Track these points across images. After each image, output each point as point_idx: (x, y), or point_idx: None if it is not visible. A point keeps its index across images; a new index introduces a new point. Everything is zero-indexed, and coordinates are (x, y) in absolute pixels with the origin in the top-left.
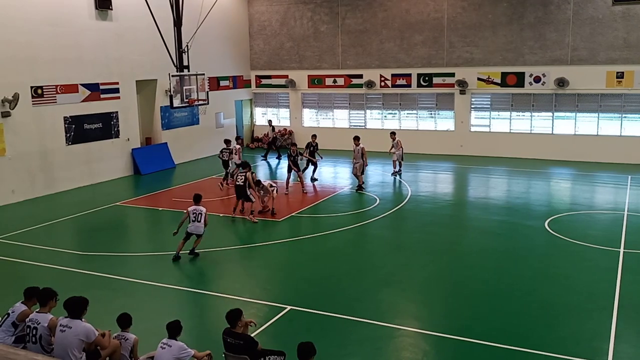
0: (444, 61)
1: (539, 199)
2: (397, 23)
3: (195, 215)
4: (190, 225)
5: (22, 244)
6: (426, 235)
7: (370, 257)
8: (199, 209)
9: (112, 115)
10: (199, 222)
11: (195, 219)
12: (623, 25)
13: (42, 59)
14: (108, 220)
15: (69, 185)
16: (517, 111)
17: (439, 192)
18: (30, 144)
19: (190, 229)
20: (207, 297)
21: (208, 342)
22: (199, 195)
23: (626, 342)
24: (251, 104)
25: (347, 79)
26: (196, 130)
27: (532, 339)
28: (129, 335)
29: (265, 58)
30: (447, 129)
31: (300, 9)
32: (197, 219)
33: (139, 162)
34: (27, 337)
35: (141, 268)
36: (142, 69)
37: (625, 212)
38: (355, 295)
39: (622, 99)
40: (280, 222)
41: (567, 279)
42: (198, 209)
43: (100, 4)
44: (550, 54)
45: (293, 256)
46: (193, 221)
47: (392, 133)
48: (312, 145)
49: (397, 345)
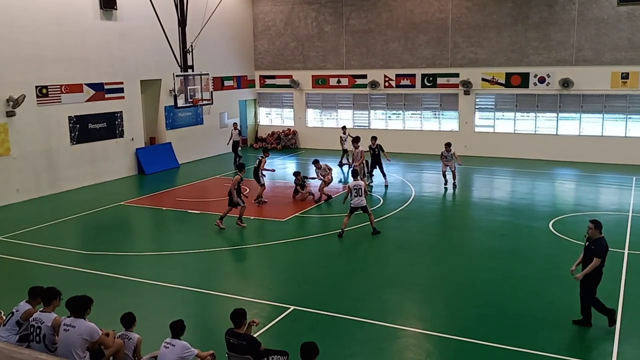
0: (448, 61)
1: (543, 199)
2: (401, 23)
3: (356, 190)
4: (353, 200)
5: (27, 243)
6: (430, 235)
7: (374, 258)
8: (359, 183)
9: (116, 115)
10: (361, 195)
11: (357, 193)
12: (628, 25)
13: (46, 59)
14: (112, 219)
15: (74, 184)
16: (522, 112)
17: (443, 192)
18: (34, 143)
19: (354, 203)
20: (211, 296)
21: (211, 341)
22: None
23: (630, 343)
24: (255, 104)
25: (351, 79)
26: (200, 130)
27: (537, 341)
28: (133, 335)
29: (270, 58)
30: (451, 129)
31: (305, 9)
32: (358, 194)
33: (143, 161)
34: (31, 337)
35: (145, 267)
36: (147, 69)
37: (630, 213)
38: (358, 296)
39: (627, 99)
40: (285, 221)
41: (571, 280)
42: (359, 184)
43: (105, 3)
44: (555, 54)
45: (297, 256)
46: (356, 196)
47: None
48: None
49: (401, 345)
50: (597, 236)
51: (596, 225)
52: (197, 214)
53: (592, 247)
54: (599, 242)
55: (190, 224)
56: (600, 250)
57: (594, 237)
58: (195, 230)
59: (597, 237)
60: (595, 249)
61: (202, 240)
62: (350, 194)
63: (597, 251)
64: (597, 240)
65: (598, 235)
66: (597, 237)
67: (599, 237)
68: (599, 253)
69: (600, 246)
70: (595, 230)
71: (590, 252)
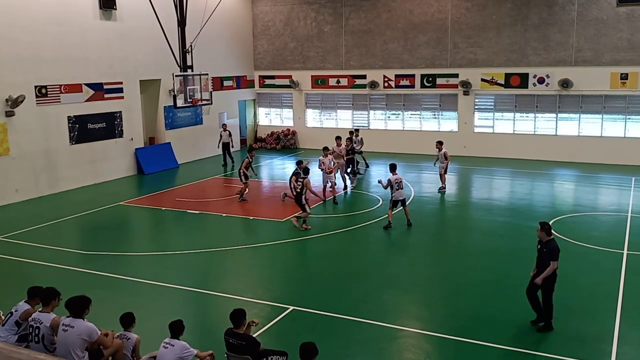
0: (447, 62)
1: (542, 200)
2: (400, 24)
3: (397, 183)
4: (395, 193)
5: (26, 243)
6: (429, 236)
7: (373, 258)
8: (399, 177)
9: (115, 115)
10: (402, 188)
11: (398, 187)
12: (627, 26)
13: (46, 59)
14: (111, 219)
15: (73, 184)
16: (521, 112)
17: (443, 193)
18: (34, 143)
19: (395, 195)
20: (210, 296)
21: (210, 341)
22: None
23: (629, 343)
24: (255, 104)
25: (350, 79)
26: (200, 130)
27: (536, 341)
28: (131, 335)
29: (269, 58)
30: (450, 129)
31: (304, 10)
32: (399, 187)
33: (142, 161)
34: (30, 337)
35: (144, 267)
36: (146, 69)
37: (629, 213)
38: (358, 296)
39: (626, 100)
40: (284, 222)
41: (570, 281)
42: (399, 178)
43: (105, 3)
44: (555, 55)
45: (296, 256)
46: (397, 189)
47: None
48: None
49: (400, 346)
50: (546, 239)
51: (542, 227)
52: (197, 214)
53: (544, 250)
54: (550, 245)
55: (189, 224)
56: (552, 252)
57: (543, 240)
58: (194, 230)
59: (547, 240)
60: (547, 252)
61: (201, 240)
62: (392, 187)
63: (549, 254)
64: (547, 242)
65: (547, 237)
66: (546, 239)
67: (549, 240)
68: (553, 256)
69: (551, 248)
70: (542, 232)
71: (544, 255)
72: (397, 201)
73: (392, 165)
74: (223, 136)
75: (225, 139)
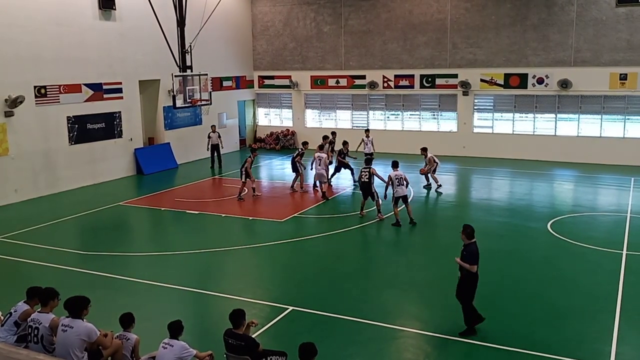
0: (447, 62)
1: (541, 200)
2: (400, 24)
3: (398, 179)
4: (396, 189)
5: (25, 243)
6: (429, 236)
7: (372, 258)
8: (400, 174)
9: (115, 115)
10: (403, 185)
11: (399, 183)
12: (626, 26)
13: (45, 59)
14: (110, 220)
15: (72, 184)
16: (520, 112)
17: (441, 193)
18: (33, 143)
19: (397, 192)
20: (209, 297)
21: (210, 342)
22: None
23: (628, 344)
24: (254, 105)
25: (350, 79)
26: (199, 131)
27: (535, 341)
28: (131, 335)
29: (268, 58)
30: (449, 130)
31: (304, 10)
32: (400, 183)
33: (141, 162)
34: (29, 337)
35: (143, 268)
36: (145, 69)
37: (628, 214)
38: (357, 296)
39: (626, 100)
40: (283, 222)
41: (569, 281)
42: (400, 174)
43: (104, 4)
44: (554, 55)
45: (295, 256)
46: (398, 185)
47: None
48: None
49: (399, 346)
50: (467, 242)
51: (464, 230)
52: (196, 214)
53: (464, 253)
54: (469, 248)
55: (188, 224)
56: (470, 255)
57: (465, 243)
58: (193, 230)
59: (468, 243)
60: (466, 254)
61: (200, 240)
62: (392, 184)
63: (466, 257)
64: (467, 245)
65: (467, 240)
66: (467, 242)
67: (469, 243)
68: (469, 259)
69: (469, 251)
70: (463, 235)
71: (464, 257)
72: (398, 198)
73: (394, 162)
74: (212, 137)
75: (214, 141)
